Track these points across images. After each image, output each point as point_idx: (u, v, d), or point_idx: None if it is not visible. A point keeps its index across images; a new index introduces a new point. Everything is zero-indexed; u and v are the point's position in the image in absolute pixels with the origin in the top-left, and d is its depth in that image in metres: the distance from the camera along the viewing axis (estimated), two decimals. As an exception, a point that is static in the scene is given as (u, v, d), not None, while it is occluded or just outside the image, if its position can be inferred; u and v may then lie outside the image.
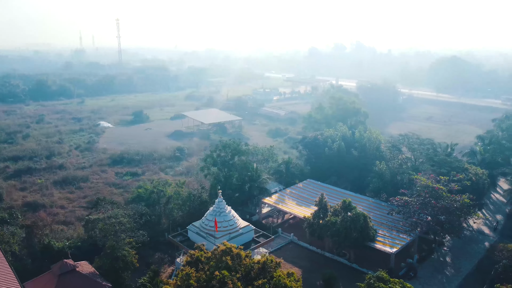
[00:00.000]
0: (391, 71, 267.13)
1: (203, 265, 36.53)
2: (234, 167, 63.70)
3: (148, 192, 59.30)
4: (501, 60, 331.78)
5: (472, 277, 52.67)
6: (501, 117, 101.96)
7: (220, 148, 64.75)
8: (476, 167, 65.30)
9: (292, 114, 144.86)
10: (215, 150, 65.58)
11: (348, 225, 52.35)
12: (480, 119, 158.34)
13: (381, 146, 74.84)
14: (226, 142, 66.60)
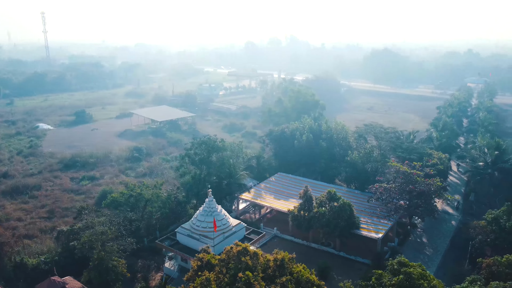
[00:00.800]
0: (327, 64, 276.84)
1: (220, 268, 34.88)
2: (212, 164, 61.83)
3: (125, 196, 55.51)
4: (423, 52, 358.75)
5: (449, 254, 56.37)
6: (444, 105, 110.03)
7: (197, 146, 62.42)
8: (437, 152, 69.75)
9: (243, 108, 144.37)
10: (190, 148, 63.13)
11: (336, 215, 53.33)
12: (416, 107, 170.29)
13: (348, 137, 77.02)
14: (202, 139, 64.42)
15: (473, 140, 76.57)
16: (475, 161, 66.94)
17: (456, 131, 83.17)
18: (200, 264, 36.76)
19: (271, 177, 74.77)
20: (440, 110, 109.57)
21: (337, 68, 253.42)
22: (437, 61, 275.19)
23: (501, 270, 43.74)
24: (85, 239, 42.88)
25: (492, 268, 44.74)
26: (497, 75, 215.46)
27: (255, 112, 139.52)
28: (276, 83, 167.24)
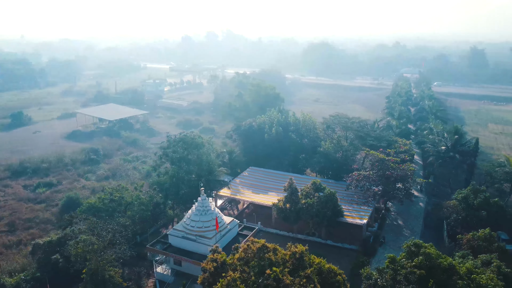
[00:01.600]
0: (267, 57, 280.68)
1: (241, 267, 33.89)
2: (191, 162, 59.79)
3: (105, 201, 51.81)
4: (354, 45, 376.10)
5: (426, 234, 60.01)
6: (391, 95, 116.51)
7: (175, 144, 59.93)
8: (401, 139, 73.74)
9: (195, 104, 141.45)
10: (168, 147, 60.44)
11: (324, 204, 54.36)
12: (359, 98, 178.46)
13: (316, 128, 78.61)
14: (182, 136, 61.95)
15: (430, 126, 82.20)
16: (436, 146, 71.80)
17: (411, 119, 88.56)
18: (216, 265, 35.48)
19: (244, 172, 74.23)
20: (389, 99, 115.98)
21: (277, 62, 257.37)
22: (369, 53, 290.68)
23: (480, 244, 47.45)
24: (79, 250, 39.34)
25: (472, 243, 48.41)
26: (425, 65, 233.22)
27: (207, 108, 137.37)
28: (227, 77, 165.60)
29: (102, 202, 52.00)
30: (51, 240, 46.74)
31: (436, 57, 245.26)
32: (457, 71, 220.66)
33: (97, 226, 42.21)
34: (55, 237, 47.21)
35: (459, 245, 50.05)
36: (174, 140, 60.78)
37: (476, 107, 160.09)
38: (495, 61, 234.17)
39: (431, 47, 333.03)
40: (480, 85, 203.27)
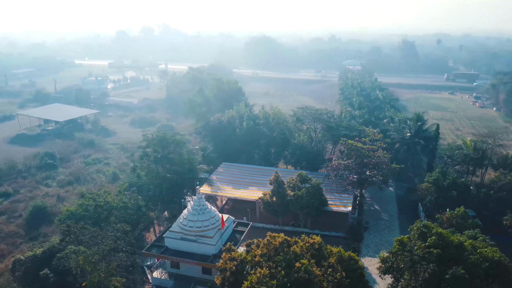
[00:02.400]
0: (207, 52, 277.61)
1: (266, 263, 33.51)
2: (173, 161, 57.68)
3: (90, 208, 48.26)
4: (290, 39, 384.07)
5: (402, 217, 63.52)
6: (345, 86, 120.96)
7: (155, 143, 57.30)
8: (367, 127, 76.98)
9: (147, 101, 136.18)
10: (147, 146, 57.65)
11: (312, 195, 55.38)
12: (307, 90, 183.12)
13: (287, 120, 79.45)
14: (161, 134, 59.32)
15: (390, 115, 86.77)
16: (400, 133, 76.02)
17: (371, 107, 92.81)
18: (237, 264, 34.76)
19: (218, 168, 73.16)
20: (343, 91, 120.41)
21: (220, 56, 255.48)
22: (306, 47, 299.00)
23: (458, 221, 51.30)
24: (80, 262, 36.35)
25: (451, 220, 52.18)
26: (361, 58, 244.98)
27: (160, 105, 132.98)
28: (177, 73, 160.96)
29: (85, 209, 48.33)
30: (35, 255, 42.80)
31: (371, 49, 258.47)
32: (391, 63, 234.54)
33: (97, 235, 39.26)
34: (39, 251, 43.25)
35: (440, 223, 53.53)
36: (153, 138, 58.08)
37: (414, 96, 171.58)
38: (425, 52, 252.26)
39: (364, 41, 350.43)
40: (414, 75, 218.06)
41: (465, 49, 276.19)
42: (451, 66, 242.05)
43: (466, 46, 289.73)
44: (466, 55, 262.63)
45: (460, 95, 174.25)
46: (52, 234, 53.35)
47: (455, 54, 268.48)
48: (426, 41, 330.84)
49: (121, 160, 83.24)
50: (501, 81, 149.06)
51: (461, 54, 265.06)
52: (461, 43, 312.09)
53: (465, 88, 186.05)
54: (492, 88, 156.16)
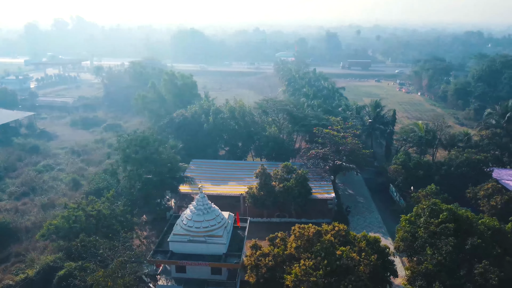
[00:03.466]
0: (132, 45, 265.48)
1: (304, 254, 33.66)
2: (157, 161, 54.85)
3: (81, 218, 44.04)
4: (212, 32, 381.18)
5: (376, 198, 67.46)
6: (292, 77, 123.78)
7: (137, 143, 53.81)
8: (330, 116, 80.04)
9: (84, 100, 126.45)
10: (128, 147, 53.91)
11: (300, 185, 56.52)
12: (244, 83, 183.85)
13: (252, 113, 79.42)
14: (140, 134, 55.77)
15: (346, 103, 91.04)
16: (360, 120, 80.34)
17: (326, 98, 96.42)
18: (273, 259, 34.49)
19: (190, 165, 71.08)
20: (290, 81, 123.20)
21: (145, 50, 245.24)
22: (233, 39, 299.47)
23: (435, 198, 55.89)
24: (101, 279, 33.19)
25: (427, 197, 56.72)
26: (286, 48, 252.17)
27: (100, 103, 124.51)
28: (113, 69, 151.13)
29: (74, 220, 44.01)
30: (28, 277, 38.32)
31: (298, 41, 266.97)
32: (317, 54, 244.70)
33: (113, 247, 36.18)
34: (32, 272, 38.78)
35: (416, 201, 57.75)
36: (133, 139, 54.49)
37: (346, 84, 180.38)
38: (346, 43, 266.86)
39: (286, 33, 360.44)
40: (340, 65, 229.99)
41: (380, 39, 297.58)
42: (370, 55, 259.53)
43: (380, 37, 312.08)
44: (382, 45, 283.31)
45: (386, 82, 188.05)
46: (26, 252, 47.82)
47: (373, 44, 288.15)
48: (342, 32, 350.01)
49: (77, 164, 76.83)
50: (423, 68, 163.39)
51: (378, 44, 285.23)
52: (373, 34, 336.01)
53: (389, 76, 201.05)
54: (415, 75, 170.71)
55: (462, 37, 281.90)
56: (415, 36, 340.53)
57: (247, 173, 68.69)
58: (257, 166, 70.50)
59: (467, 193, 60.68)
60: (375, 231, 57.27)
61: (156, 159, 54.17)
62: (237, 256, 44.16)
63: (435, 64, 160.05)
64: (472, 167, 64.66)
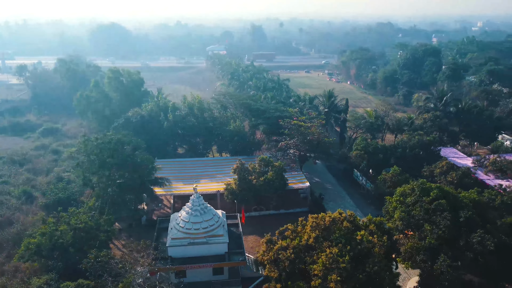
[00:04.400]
0: (45, 41, 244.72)
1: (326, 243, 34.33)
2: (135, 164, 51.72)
3: (68, 233, 40.03)
4: (132, 26, 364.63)
5: (341, 182, 70.67)
6: (235, 71, 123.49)
7: (111, 147, 50.01)
8: (287, 108, 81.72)
9: (7, 103, 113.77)
10: (100, 153, 49.88)
11: (280, 177, 57.30)
12: (176, 78, 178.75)
13: (212, 108, 78.01)
14: (112, 138, 51.71)
15: (297, 94, 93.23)
16: (315, 109, 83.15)
17: (283, 90, 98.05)
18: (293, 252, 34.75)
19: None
20: (233, 75, 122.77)
21: (62, 46, 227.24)
22: (156, 33, 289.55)
23: (398, 178, 60.29)
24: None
25: (393, 178, 60.96)
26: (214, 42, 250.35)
27: (28, 106, 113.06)
28: (37, 68, 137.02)
29: (60, 236, 39.89)
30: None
31: (223, 34, 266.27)
32: (246, 46, 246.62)
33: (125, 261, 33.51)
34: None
35: (383, 182, 61.58)
36: (102, 143, 50.51)
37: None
38: (271, 36, 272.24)
39: (208, 26, 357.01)
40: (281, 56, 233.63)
41: (303, 31, 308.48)
42: (295, 47, 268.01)
43: (302, 29, 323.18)
44: (305, 36, 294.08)
45: (316, 73, 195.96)
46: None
47: (295, 36, 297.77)
48: (266, 25, 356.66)
49: (23, 175, 69.38)
50: (350, 58, 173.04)
51: (301, 36, 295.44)
52: (293, 26, 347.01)
53: (317, 67, 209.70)
54: (343, 65, 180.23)
55: (376, 28, 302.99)
56: (332, 28, 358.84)
57: (217, 169, 67.90)
58: (225, 162, 70.43)
59: (423, 172, 65.73)
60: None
61: (134, 162, 51.06)
62: (239, 253, 43.75)
63: (362, 54, 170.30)
64: (424, 148, 70.43)
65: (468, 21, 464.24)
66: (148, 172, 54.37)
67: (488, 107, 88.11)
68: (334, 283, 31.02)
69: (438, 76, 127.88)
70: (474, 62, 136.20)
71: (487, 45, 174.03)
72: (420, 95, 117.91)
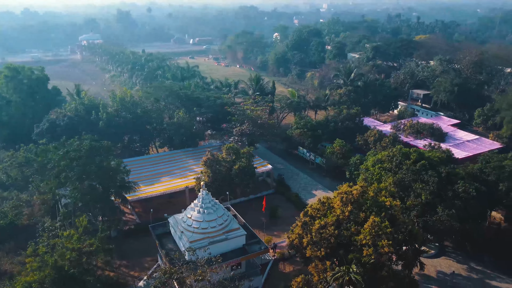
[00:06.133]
0: None
1: (363, 214, 36.55)
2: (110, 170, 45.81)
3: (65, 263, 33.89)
4: None
5: (291, 161, 73.80)
6: (134, 62, 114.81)
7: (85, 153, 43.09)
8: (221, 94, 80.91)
9: None
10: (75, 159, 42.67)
11: (251, 163, 57.60)
12: (53, 73, 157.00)
13: (145, 103, 72.30)
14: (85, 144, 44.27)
15: (220, 81, 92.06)
16: (245, 93, 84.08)
17: (191, 78, 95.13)
18: (335, 228, 36.27)
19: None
20: (134, 66, 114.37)
21: None
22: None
23: (344, 149, 66.39)
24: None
25: (342, 150, 66.79)
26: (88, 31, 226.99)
27: None
28: None
29: (70, 265, 33.63)
30: None
31: (89, 21, 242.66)
32: (117, 34, 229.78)
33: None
34: None
35: (332, 153, 66.66)
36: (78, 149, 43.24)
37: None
38: (141, 22, 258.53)
39: (61, 14, 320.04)
40: (142, 44, 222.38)
41: (172, 16, 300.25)
42: (169, 32, 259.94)
43: (171, 14, 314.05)
44: (174, 22, 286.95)
45: (201, 58, 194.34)
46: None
47: (165, 22, 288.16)
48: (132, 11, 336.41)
49: None
50: (236, 42, 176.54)
51: (171, 21, 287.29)
52: (154, 11, 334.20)
53: (199, 52, 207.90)
54: (229, 49, 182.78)
55: (242, 12, 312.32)
56: (196, 12, 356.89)
57: (172, 165, 64.45)
58: (175, 156, 67.06)
59: (358, 141, 72.81)
60: (316, 189, 64.00)
61: (109, 168, 45.32)
62: (256, 242, 43.27)
63: (247, 38, 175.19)
64: (352, 120, 77.92)
65: (314, 4, 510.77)
66: (122, 178, 48.81)
67: (383, 80, 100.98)
68: (387, 247, 33.65)
69: (326, 55, 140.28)
70: (350, 40, 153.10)
71: (350, 25, 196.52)
72: (313, 73, 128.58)
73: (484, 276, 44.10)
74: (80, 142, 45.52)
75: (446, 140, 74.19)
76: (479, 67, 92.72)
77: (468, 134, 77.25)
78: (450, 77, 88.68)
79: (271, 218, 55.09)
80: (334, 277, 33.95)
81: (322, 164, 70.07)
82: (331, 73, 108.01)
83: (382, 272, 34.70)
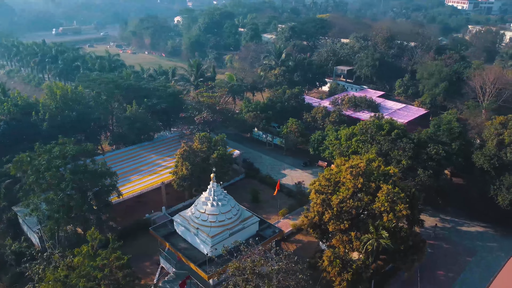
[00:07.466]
0: None
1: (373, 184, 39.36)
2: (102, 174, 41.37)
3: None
4: None
5: (248, 144, 74.51)
6: (43, 55, 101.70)
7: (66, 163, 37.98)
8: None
9: None
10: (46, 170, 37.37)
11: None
12: None
13: (85, 97, 65.40)
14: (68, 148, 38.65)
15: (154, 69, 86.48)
16: (187, 80, 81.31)
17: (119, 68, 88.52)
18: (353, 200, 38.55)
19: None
20: (43, 58, 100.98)
21: None
22: None
23: (299, 127, 69.51)
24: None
25: (297, 128, 69.63)
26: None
27: None
28: None
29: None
30: None
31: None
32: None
33: None
34: None
35: (289, 132, 69.05)
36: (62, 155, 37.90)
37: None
38: (19, 9, 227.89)
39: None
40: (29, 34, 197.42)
41: (53, 2, 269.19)
42: (54, 20, 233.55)
43: None
44: (52, 6, 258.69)
45: (102, 46, 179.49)
46: None
47: (46, 8, 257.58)
48: None
49: None
50: (141, 27, 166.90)
51: (54, 8, 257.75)
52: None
53: (98, 40, 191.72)
54: (133, 35, 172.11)
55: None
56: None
57: (137, 162, 60.24)
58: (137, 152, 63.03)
59: (306, 118, 76.27)
60: (283, 168, 65.91)
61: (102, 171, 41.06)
62: (268, 226, 43.61)
63: (153, 22, 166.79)
64: (295, 99, 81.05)
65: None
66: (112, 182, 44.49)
67: (310, 59, 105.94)
68: (404, 210, 37.11)
69: (241, 37, 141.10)
70: (260, 21, 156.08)
71: (253, 6, 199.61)
72: (233, 56, 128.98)
73: (455, 224, 51.12)
74: (62, 148, 40.07)
75: (380, 110, 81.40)
76: (391, 42, 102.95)
77: (396, 103, 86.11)
78: (370, 52, 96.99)
79: (253, 202, 55.63)
80: (366, 245, 36.36)
81: (281, 144, 72.06)
82: (251, 55, 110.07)
83: (401, 234, 38.28)
